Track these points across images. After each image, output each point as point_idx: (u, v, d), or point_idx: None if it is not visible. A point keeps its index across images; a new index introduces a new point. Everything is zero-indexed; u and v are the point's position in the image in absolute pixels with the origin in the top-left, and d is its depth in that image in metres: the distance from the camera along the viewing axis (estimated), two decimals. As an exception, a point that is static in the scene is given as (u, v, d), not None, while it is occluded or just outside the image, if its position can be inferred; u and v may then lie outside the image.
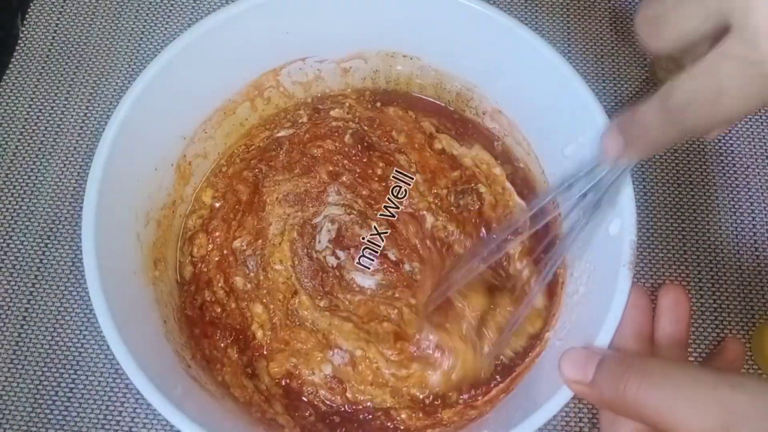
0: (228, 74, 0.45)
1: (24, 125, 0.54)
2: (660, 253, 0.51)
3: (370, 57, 0.47)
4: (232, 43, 0.43)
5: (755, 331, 0.48)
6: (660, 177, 0.53)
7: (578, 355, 0.33)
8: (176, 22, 0.58)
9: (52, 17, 0.57)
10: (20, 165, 0.52)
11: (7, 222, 0.51)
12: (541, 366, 0.39)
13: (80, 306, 0.48)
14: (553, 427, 0.46)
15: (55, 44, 0.57)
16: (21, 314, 0.48)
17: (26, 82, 0.55)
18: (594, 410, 0.46)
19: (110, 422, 0.46)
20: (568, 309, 0.40)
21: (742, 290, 0.50)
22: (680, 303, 0.36)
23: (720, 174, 0.53)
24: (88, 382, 0.47)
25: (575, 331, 0.38)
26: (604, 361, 0.32)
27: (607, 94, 0.56)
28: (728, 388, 0.27)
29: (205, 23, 0.42)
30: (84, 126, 0.54)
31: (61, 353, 0.47)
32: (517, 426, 0.33)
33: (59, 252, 0.50)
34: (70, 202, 0.51)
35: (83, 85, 0.55)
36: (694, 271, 0.50)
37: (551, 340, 0.40)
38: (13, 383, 0.46)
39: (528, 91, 0.44)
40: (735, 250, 0.51)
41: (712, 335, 0.49)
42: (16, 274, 0.49)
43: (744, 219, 0.52)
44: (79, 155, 0.53)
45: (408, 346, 0.42)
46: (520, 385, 0.40)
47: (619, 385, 0.30)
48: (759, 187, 0.53)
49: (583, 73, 0.41)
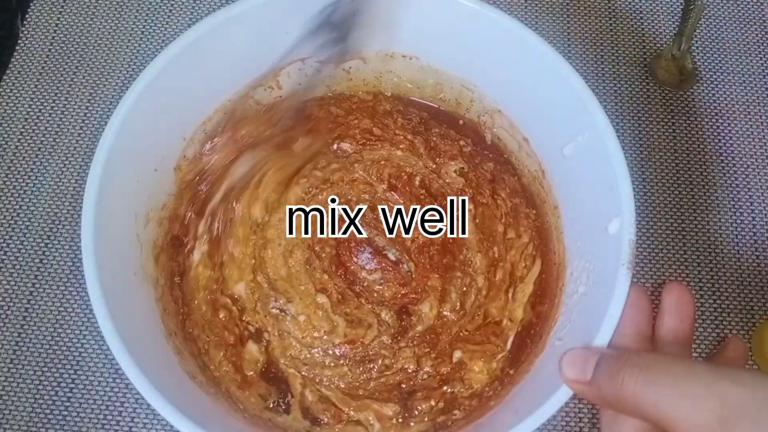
0: (228, 74, 0.45)
1: (24, 125, 0.54)
2: (660, 253, 0.51)
3: (370, 57, 0.47)
4: (232, 43, 0.43)
5: (755, 331, 0.48)
6: (660, 177, 0.53)
7: (578, 354, 0.33)
8: (176, 22, 0.58)
9: (52, 17, 0.57)
10: (20, 165, 0.52)
11: (7, 222, 0.51)
12: (541, 366, 0.39)
13: (80, 306, 0.48)
14: (553, 427, 0.46)
15: (55, 44, 0.57)
16: (21, 314, 0.48)
17: (26, 82, 0.55)
18: (594, 410, 0.46)
19: (110, 422, 0.46)
20: (568, 309, 0.40)
21: (742, 290, 0.50)
22: (684, 301, 0.36)
23: (720, 174, 0.53)
24: (88, 382, 0.47)
25: (575, 330, 0.38)
26: (602, 359, 0.32)
27: (607, 94, 0.56)
28: (727, 381, 0.27)
29: (204, 23, 0.42)
30: (84, 126, 0.54)
31: (61, 353, 0.47)
32: (517, 425, 0.33)
33: (59, 252, 0.50)
34: (70, 202, 0.51)
35: (83, 85, 0.55)
36: (694, 271, 0.50)
37: (551, 340, 0.40)
38: (13, 383, 0.46)
39: (528, 91, 0.44)
40: (735, 250, 0.51)
41: (712, 335, 0.49)
42: (16, 274, 0.49)
43: (744, 219, 0.52)
44: (79, 155, 0.53)
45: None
46: (520, 385, 0.40)
47: (617, 381, 0.30)
48: (759, 187, 0.53)
49: (583, 73, 0.41)
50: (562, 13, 0.58)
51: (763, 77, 0.57)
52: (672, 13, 0.59)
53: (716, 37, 0.58)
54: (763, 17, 0.59)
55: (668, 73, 0.56)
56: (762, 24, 0.59)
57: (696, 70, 0.56)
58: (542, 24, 0.58)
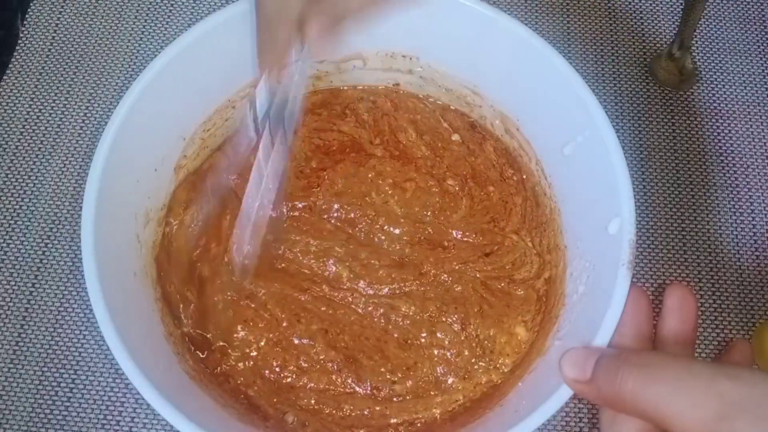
0: (228, 74, 0.45)
1: (24, 125, 0.54)
2: (660, 253, 0.51)
3: (370, 57, 0.47)
4: (232, 44, 0.43)
5: (755, 331, 0.48)
6: (660, 177, 0.53)
7: (577, 353, 0.33)
8: (176, 22, 0.58)
9: (52, 17, 0.57)
10: (20, 165, 0.52)
11: (7, 222, 0.51)
12: (541, 366, 0.39)
13: (80, 306, 0.48)
14: (553, 427, 0.46)
15: (55, 44, 0.57)
16: (21, 314, 0.48)
17: (26, 82, 0.55)
18: (594, 410, 0.46)
19: (110, 422, 0.46)
20: (567, 309, 0.40)
21: (742, 290, 0.50)
22: (686, 302, 0.36)
23: (720, 174, 0.53)
24: (88, 382, 0.47)
25: (574, 330, 0.38)
26: (602, 358, 0.32)
27: (607, 94, 0.56)
28: (725, 378, 0.27)
29: (204, 24, 0.42)
30: (84, 126, 0.54)
31: (61, 353, 0.47)
32: (517, 425, 0.34)
33: (59, 252, 0.50)
34: (70, 202, 0.51)
35: (83, 85, 0.55)
36: (694, 271, 0.50)
37: (551, 340, 0.40)
38: (13, 383, 0.46)
39: (528, 91, 0.44)
40: (735, 250, 0.51)
41: (712, 335, 0.49)
42: (16, 274, 0.49)
43: (744, 219, 0.52)
44: (79, 155, 0.53)
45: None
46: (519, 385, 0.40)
47: (616, 379, 0.30)
48: (759, 187, 0.53)
49: (583, 73, 0.41)
50: (562, 13, 0.58)
51: (763, 77, 0.57)
52: (672, 13, 0.59)
53: (716, 37, 0.58)
54: (763, 17, 0.59)
55: (668, 73, 0.56)
56: (762, 24, 0.59)
57: (696, 70, 0.56)
58: (542, 24, 0.58)
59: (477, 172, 0.48)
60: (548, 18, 0.58)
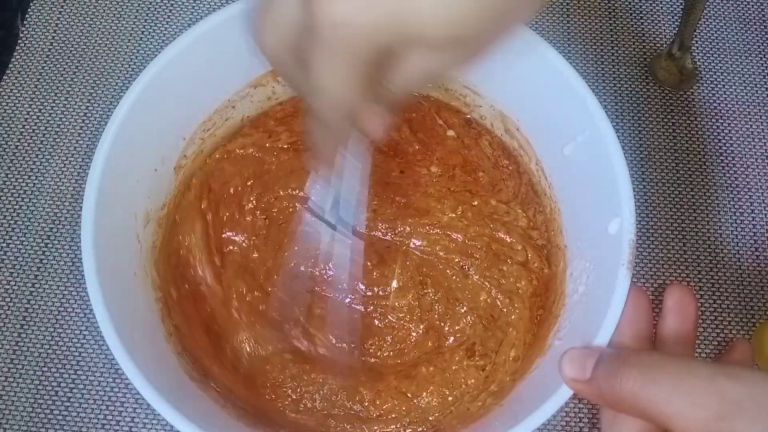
0: (228, 74, 0.45)
1: (24, 125, 0.54)
2: (660, 253, 0.51)
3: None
4: (232, 44, 0.43)
5: (755, 331, 0.48)
6: (660, 177, 0.53)
7: (577, 353, 0.33)
8: (176, 22, 0.58)
9: (52, 17, 0.57)
10: (20, 165, 0.52)
11: (7, 222, 0.51)
12: (541, 366, 0.39)
13: (80, 306, 0.48)
14: (553, 427, 0.46)
15: (55, 44, 0.57)
16: (21, 314, 0.48)
17: (26, 82, 0.55)
18: (594, 410, 0.46)
19: (110, 422, 0.46)
20: (567, 309, 0.40)
21: (742, 290, 0.50)
22: (686, 302, 0.36)
23: (720, 174, 0.53)
24: (88, 382, 0.47)
25: (574, 330, 0.38)
26: (602, 358, 0.32)
27: (607, 94, 0.56)
28: (725, 378, 0.27)
29: (204, 23, 0.41)
30: (84, 126, 0.54)
31: (61, 353, 0.47)
32: (517, 425, 0.34)
33: (59, 252, 0.50)
34: (70, 202, 0.51)
35: (83, 85, 0.55)
36: (694, 271, 0.50)
37: (551, 340, 0.40)
38: (13, 383, 0.46)
39: (528, 91, 0.44)
40: (735, 250, 0.51)
41: (712, 335, 0.49)
42: (16, 274, 0.49)
43: (744, 219, 0.52)
44: (79, 155, 0.53)
45: None
46: (519, 385, 0.40)
47: (616, 379, 0.30)
48: (759, 187, 0.53)
49: (583, 73, 0.41)
50: (562, 13, 0.58)
51: (763, 77, 0.57)
52: (672, 13, 0.59)
53: (716, 37, 0.58)
54: (763, 17, 0.59)
55: (668, 73, 0.56)
56: (762, 24, 0.59)
57: (696, 70, 0.56)
58: (542, 24, 0.58)
59: (468, 161, 0.48)
60: (548, 18, 0.58)
